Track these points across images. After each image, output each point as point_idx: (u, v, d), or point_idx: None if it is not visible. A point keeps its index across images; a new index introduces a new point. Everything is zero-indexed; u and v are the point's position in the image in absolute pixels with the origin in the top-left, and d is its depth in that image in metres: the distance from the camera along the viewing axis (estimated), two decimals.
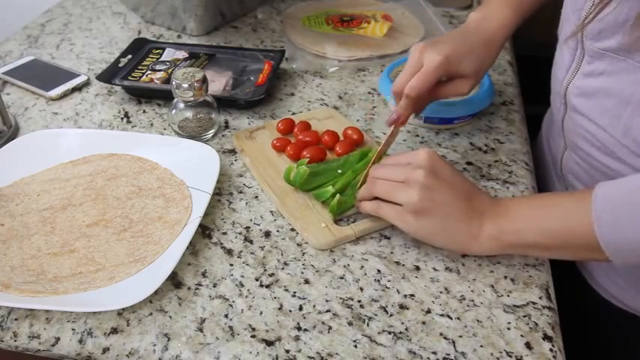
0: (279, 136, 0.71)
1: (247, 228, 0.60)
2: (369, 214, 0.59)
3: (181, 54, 0.87)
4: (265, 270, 0.55)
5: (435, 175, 0.53)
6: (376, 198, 0.56)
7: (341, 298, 0.53)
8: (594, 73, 0.56)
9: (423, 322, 0.51)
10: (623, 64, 0.52)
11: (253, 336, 0.49)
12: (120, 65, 0.83)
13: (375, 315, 0.51)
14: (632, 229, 0.45)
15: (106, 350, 0.49)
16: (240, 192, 0.65)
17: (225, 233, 0.60)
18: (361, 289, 0.54)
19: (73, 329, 0.50)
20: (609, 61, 0.53)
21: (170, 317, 0.51)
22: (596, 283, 0.66)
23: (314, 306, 0.52)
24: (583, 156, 0.62)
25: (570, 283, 0.67)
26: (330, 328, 0.50)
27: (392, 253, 0.57)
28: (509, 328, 0.50)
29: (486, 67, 0.65)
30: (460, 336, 0.50)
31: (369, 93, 0.83)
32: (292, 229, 0.60)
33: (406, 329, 0.50)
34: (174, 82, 0.68)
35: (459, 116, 0.73)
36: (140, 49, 0.88)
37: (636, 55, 0.50)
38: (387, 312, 0.52)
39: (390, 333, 0.50)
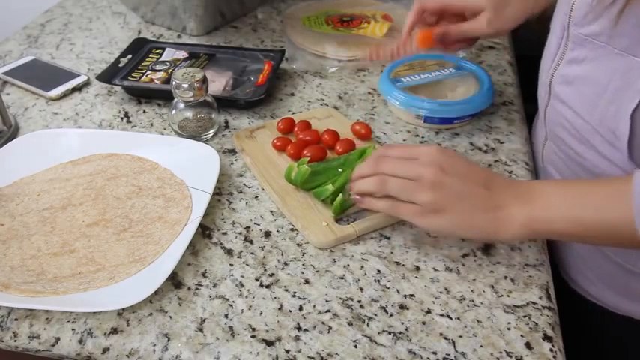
0: (279, 135, 0.71)
1: (247, 228, 0.60)
2: (369, 213, 0.59)
3: (181, 54, 0.87)
4: (265, 270, 0.55)
5: (446, 171, 0.52)
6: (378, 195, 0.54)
7: (341, 298, 0.53)
8: (576, 60, 0.56)
9: (423, 322, 0.51)
10: (602, 51, 0.52)
11: (253, 336, 0.49)
12: (120, 65, 0.83)
13: (375, 315, 0.51)
14: None
15: (106, 350, 0.49)
16: (240, 192, 0.65)
17: (225, 233, 0.60)
18: (361, 289, 0.54)
19: (73, 329, 0.50)
20: (590, 47, 0.54)
21: (170, 317, 0.51)
22: (571, 278, 0.67)
23: (314, 306, 0.52)
24: (561, 145, 0.62)
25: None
26: (330, 328, 0.50)
27: (392, 253, 0.57)
28: (509, 328, 0.50)
29: (507, 8, 0.67)
30: (460, 336, 0.50)
31: (369, 93, 0.83)
32: (292, 229, 0.60)
33: (406, 329, 0.50)
34: (174, 82, 0.68)
35: (459, 116, 0.73)
36: (140, 49, 0.88)
37: (615, 42, 0.51)
38: (387, 312, 0.52)
39: (390, 333, 0.50)
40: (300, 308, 0.52)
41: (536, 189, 0.52)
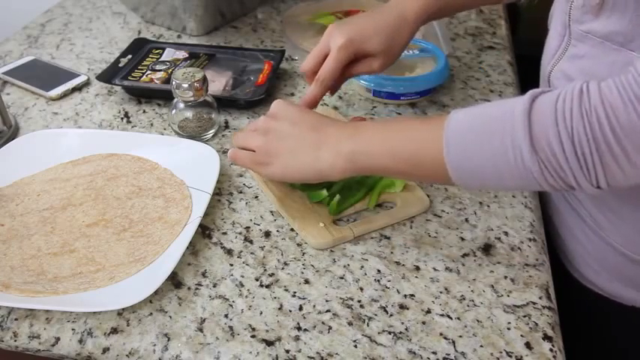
0: None
1: (247, 228, 0.60)
2: (368, 214, 0.59)
3: (181, 54, 0.87)
4: (265, 270, 0.55)
5: (276, 117, 0.57)
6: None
7: (341, 298, 0.53)
8: (578, 56, 0.57)
9: (423, 322, 0.51)
10: (600, 47, 0.53)
11: (253, 336, 0.49)
12: (120, 65, 0.83)
13: (375, 315, 0.51)
14: (477, 156, 0.46)
15: (106, 350, 0.49)
16: (240, 192, 0.65)
17: (225, 233, 0.60)
18: (361, 289, 0.54)
19: (73, 329, 0.50)
20: (591, 43, 0.54)
21: (170, 317, 0.51)
22: (575, 269, 0.67)
23: (314, 306, 0.52)
24: None
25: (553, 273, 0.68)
26: (330, 328, 0.50)
27: (392, 253, 0.57)
28: (509, 328, 0.50)
29: (397, 47, 0.66)
30: (460, 336, 0.50)
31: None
32: (292, 229, 0.60)
33: (406, 329, 0.50)
34: (174, 82, 0.68)
35: (405, 93, 0.76)
36: (140, 49, 0.88)
37: (611, 38, 0.51)
38: (387, 312, 0.52)
39: (390, 333, 0.50)
40: (300, 308, 0.52)
41: (361, 126, 0.54)
